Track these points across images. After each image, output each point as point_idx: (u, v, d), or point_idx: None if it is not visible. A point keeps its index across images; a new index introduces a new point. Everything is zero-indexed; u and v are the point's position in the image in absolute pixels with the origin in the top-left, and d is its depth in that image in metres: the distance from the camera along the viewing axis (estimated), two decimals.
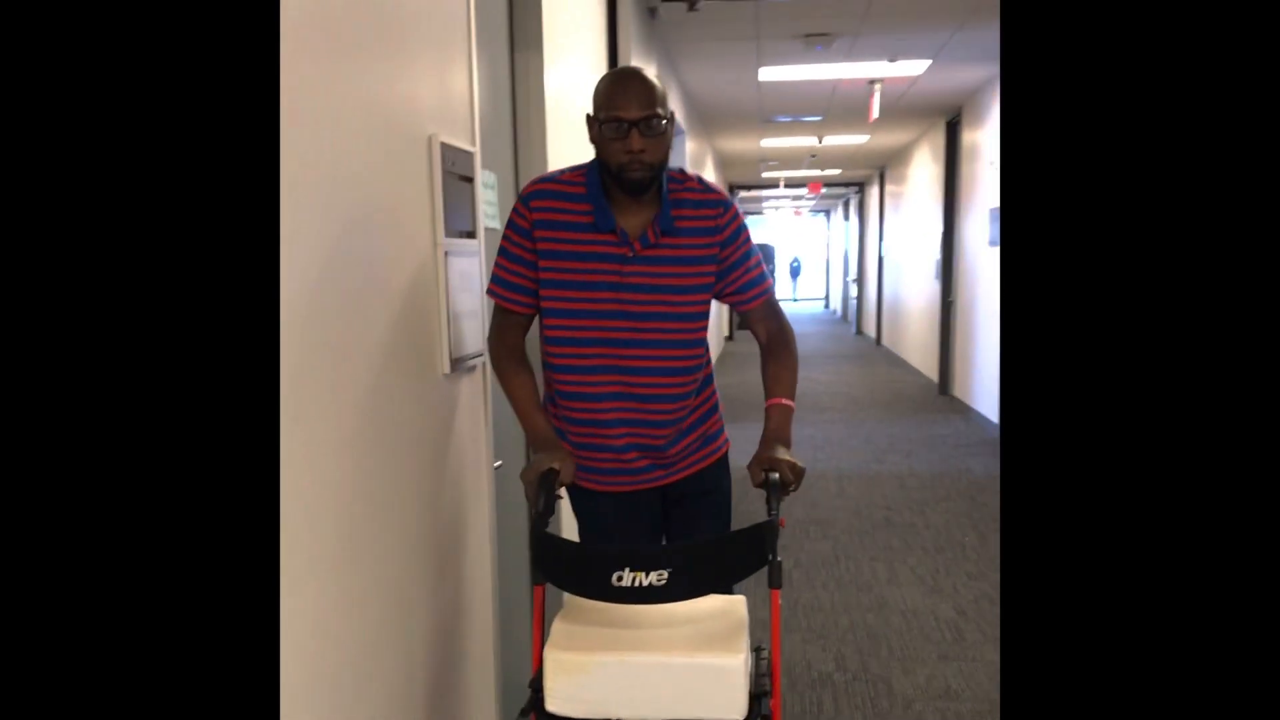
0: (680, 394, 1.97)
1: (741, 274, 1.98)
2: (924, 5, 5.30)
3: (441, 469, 1.89)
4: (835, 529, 4.93)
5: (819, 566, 4.35)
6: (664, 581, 1.59)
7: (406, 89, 1.68)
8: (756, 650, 1.79)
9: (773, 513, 1.71)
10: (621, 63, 4.04)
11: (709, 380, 2.08)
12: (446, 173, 1.84)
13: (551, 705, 1.59)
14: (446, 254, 1.84)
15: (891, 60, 6.61)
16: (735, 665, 1.57)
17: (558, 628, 1.69)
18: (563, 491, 1.92)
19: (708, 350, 2.02)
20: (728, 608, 1.77)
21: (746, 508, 3.94)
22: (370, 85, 1.53)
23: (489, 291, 1.95)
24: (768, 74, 7.02)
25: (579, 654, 1.59)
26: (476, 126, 2.06)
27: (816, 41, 5.93)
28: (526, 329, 1.98)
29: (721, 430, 2.13)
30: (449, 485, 1.93)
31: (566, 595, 1.78)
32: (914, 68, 6.86)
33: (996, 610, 3.76)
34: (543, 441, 1.88)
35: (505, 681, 2.33)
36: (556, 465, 1.79)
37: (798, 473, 1.82)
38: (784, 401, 1.95)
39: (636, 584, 1.59)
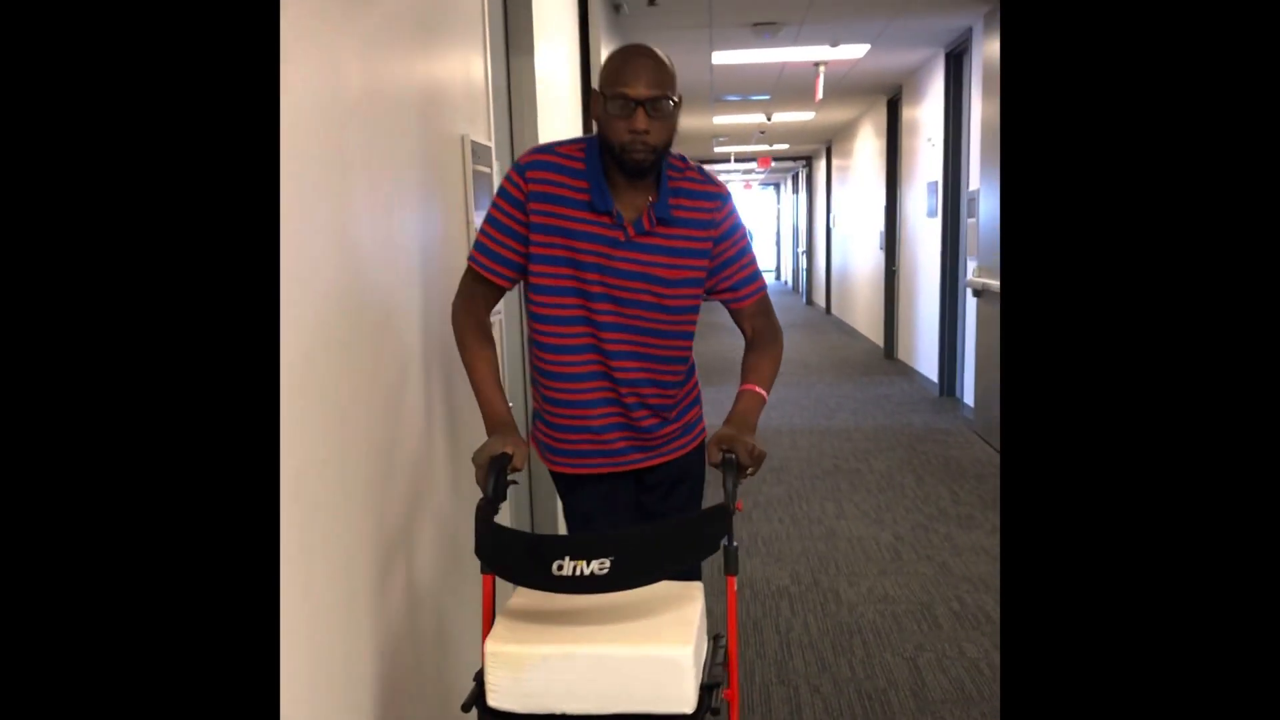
0: (661, 381, 1.94)
1: (735, 271, 1.93)
2: None
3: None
4: (789, 475, 5.45)
5: (775, 506, 4.87)
6: (606, 570, 1.51)
7: (442, 91, 2.12)
8: (714, 638, 1.74)
9: (728, 495, 1.67)
10: (593, 53, 4.46)
11: (691, 371, 2.06)
12: (473, 168, 2.29)
13: (493, 700, 1.51)
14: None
15: (833, 45, 7.12)
16: (682, 656, 1.48)
17: (501, 619, 1.60)
18: (515, 477, 1.91)
19: (691, 345, 1.97)
20: (682, 595, 1.68)
21: (713, 492, 4.41)
22: (421, 89, 1.97)
23: (470, 259, 1.90)
24: (720, 58, 7.49)
25: (519, 646, 1.50)
26: (491, 123, 2.51)
27: (764, 30, 6.41)
28: (494, 303, 1.93)
29: (700, 419, 2.11)
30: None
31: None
32: (855, 51, 7.37)
33: (930, 536, 4.31)
34: (498, 424, 1.83)
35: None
36: (509, 450, 1.73)
37: (756, 456, 1.74)
38: (757, 389, 1.89)
39: (578, 573, 1.51)
